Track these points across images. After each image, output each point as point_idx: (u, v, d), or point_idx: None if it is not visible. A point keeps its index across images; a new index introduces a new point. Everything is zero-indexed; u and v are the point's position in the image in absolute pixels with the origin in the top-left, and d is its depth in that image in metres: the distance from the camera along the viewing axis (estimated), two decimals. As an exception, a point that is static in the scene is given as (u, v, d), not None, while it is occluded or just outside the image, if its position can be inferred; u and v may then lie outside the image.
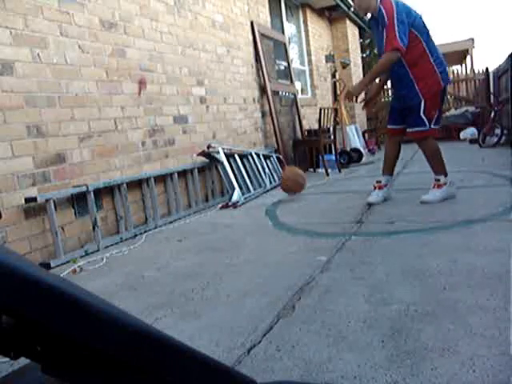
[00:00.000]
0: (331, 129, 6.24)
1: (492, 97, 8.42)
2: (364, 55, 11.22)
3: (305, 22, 7.85)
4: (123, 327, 0.40)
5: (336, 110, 6.39)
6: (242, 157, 4.71)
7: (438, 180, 3.41)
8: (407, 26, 3.19)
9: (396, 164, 3.66)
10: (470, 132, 8.59)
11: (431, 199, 3.34)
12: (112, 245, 3.06)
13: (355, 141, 7.69)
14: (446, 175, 3.43)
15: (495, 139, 7.15)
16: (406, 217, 3.04)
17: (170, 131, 3.92)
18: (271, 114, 5.66)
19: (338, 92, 7.38)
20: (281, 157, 5.67)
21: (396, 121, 3.56)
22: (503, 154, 5.94)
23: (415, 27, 3.24)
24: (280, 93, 6.15)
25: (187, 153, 4.16)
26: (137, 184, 3.48)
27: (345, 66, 8.05)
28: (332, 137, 6.21)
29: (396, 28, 3.15)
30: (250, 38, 5.60)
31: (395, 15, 3.16)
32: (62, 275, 2.36)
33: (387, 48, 3.19)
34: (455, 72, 10.92)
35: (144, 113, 3.61)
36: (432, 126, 3.37)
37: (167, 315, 1.78)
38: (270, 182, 5.07)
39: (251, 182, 4.68)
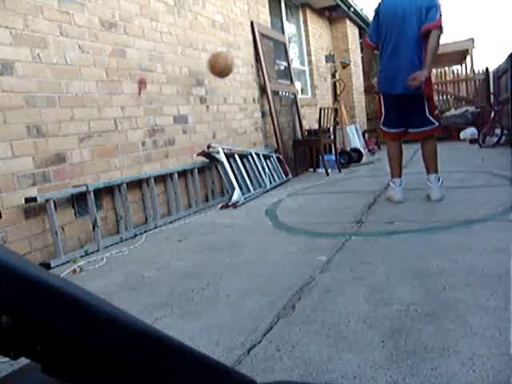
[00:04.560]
0: (331, 129, 6.23)
1: (492, 97, 8.41)
2: (364, 55, 11.22)
3: (305, 22, 7.84)
4: (123, 327, 0.40)
5: (336, 110, 6.38)
6: (241, 157, 4.71)
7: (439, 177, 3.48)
8: None
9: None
10: (469, 132, 8.59)
11: (440, 195, 3.42)
12: (112, 245, 3.06)
13: (355, 141, 7.68)
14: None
15: (495, 139, 7.15)
16: (406, 217, 3.04)
17: (169, 131, 3.92)
18: (271, 114, 5.66)
19: (338, 92, 7.37)
20: (281, 157, 5.67)
21: (397, 123, 3.52)
22: (503, 153, 5.93)
23: None
24: (280, 93, 6.15)
25: (187, 153, 4.15)
26: (137, 184, 3.48)
27: (345, 65, 8.03)
28: (332, 137, 6.21)
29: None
30: (250, 37, 5.59)
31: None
32: (62, 275, 2.36)
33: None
34: (455, 72, 10.92)
35: (144, 113, 3.61)
36: (440, 123, 3.51)
37: (167, 315, 1.78)
38: (270, 182, 5.07)
39: (251, 181, 4.68)
